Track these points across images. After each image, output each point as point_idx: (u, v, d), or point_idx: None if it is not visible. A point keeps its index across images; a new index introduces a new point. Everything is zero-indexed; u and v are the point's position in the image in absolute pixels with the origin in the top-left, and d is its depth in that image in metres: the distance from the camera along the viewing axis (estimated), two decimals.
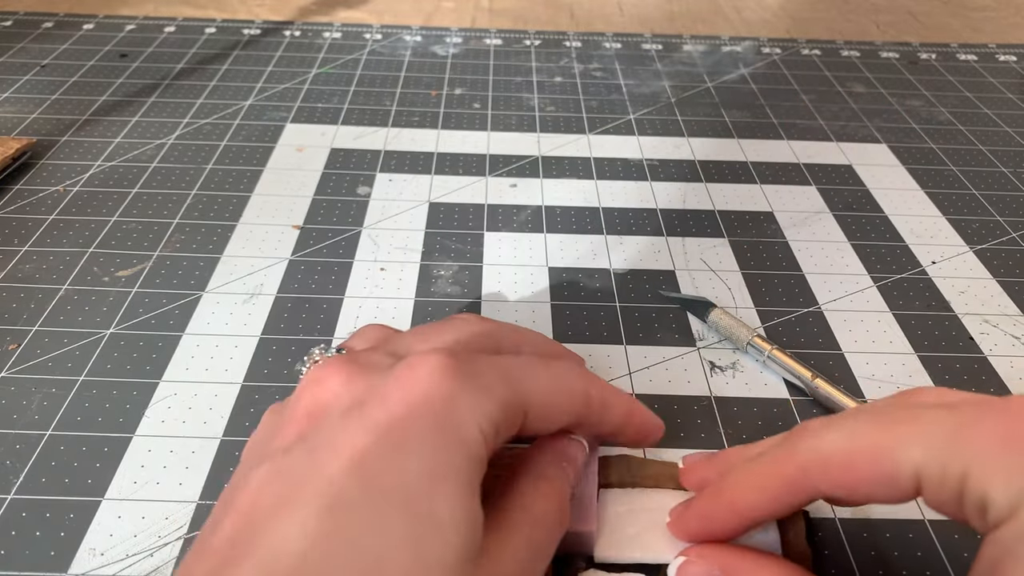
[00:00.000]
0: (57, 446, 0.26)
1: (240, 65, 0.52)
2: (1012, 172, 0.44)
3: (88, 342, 0.30)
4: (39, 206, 0.38)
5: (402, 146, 0.44)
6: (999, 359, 0.31)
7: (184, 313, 0.32)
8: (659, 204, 0.40)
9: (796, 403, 0.29)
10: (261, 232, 0.37)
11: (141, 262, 0.35)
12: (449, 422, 0.18)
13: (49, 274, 0.34)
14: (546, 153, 0.44)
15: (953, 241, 0.38)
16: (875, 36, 0.61)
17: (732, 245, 0.37)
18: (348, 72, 0.52)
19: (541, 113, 0.48)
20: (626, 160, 0.43)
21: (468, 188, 0.40)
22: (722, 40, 0.59)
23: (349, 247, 0.36)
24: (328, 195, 0.40)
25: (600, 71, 0.54)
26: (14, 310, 0.32)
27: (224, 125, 0.45)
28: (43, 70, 0.51)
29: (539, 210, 0.39)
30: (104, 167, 0.41)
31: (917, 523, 0.25)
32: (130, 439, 0.27)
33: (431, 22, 0.61)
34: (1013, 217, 0.40)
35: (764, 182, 0.42)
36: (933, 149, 0.46)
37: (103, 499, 0.25)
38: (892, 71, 0.55)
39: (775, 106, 0.50)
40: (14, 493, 0.25)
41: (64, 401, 0.28)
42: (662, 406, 0.28)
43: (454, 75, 0.52)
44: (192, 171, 0.41)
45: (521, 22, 0.62)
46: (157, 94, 0.48)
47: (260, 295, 0.33)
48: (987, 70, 0.56)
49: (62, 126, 0.45)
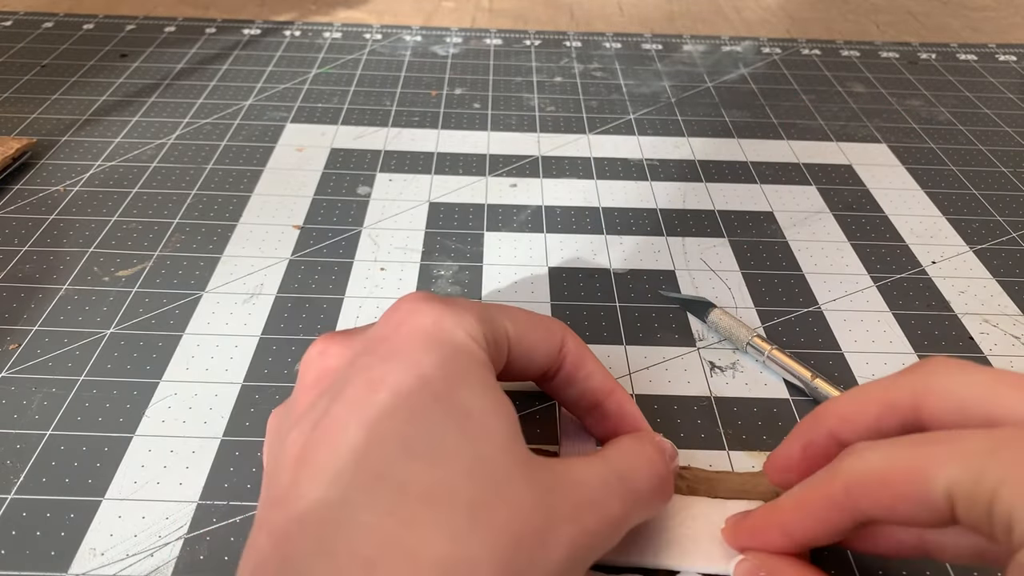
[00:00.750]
0: (57, 446, 0.26)
1: (240, 65, 0.52)
2: (1012, 172, 0.44)
3: (88, 342, 0.30)
4: (39, 206, 0.38)
5: (402, 146, 0.44)
6: (999, 359, 0.31)
7: (184, 313, 0.32)
8: (659, 204, 0.40)
9: (796, 403, 0.29)
10: (261, 232, 0.37)
11: (141, 262, 0.35)
12: (440, 335, 0.19)
13: (49, 274, 0.34)
14: (546, 153, 0.44)
15: (953, 241, 0.38)
16: (875, 36, 0.61)
17: (732, 245, 0.37)
18: (348, 72, 0.52)
19: (541, 113, 0.48)
20: (626, 160, 0.43)
21: (468, 188, 0.40)
22: (722, 40, 0.59)
23: (349, 247, 0.36)
24: (328, 195, 0.40)
25: (600, 71, 0.54)
26: (14, 310, 0.32)
27: (224, 125, 0.45)
28: (43, 70, 0.51)
29: (539, 210, 0.39)
30: (104, 167, 0.41)
31: None
32: (130, 439, 0.27)
33: (431, 22, 0.61)
34: (1013, 217, 0.40)
35: (764, 182, 0.42)
36: (933, 149, 0.46)
37: (103, 499, 0.25)
38: (892, 71, 0.55)
39: (775, 106, 0.50)
40: (14, 493, 0.25)
41: (64, 401, 0.28)
42: (662, 406, 0.28)
43: (454, 75, 0.52)
44: (192, 171, 0.41)
45: (521, 22, 0.62)
46: (157, 94, 0.48)
47: (260, 295, 0.33)
48: (987, 70, 0.56)
49: (62, 126, 0.45)
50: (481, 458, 0.17)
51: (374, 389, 0.18)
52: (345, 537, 0.16)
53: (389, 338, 0.20)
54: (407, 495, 0.16)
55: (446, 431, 0.17)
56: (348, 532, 0.16)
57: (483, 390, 0.19)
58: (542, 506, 0.17)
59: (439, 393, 0.18)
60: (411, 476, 0.17)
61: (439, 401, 0.18)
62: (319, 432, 0.18)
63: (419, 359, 0.19)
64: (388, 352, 0.19)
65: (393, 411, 0.18)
